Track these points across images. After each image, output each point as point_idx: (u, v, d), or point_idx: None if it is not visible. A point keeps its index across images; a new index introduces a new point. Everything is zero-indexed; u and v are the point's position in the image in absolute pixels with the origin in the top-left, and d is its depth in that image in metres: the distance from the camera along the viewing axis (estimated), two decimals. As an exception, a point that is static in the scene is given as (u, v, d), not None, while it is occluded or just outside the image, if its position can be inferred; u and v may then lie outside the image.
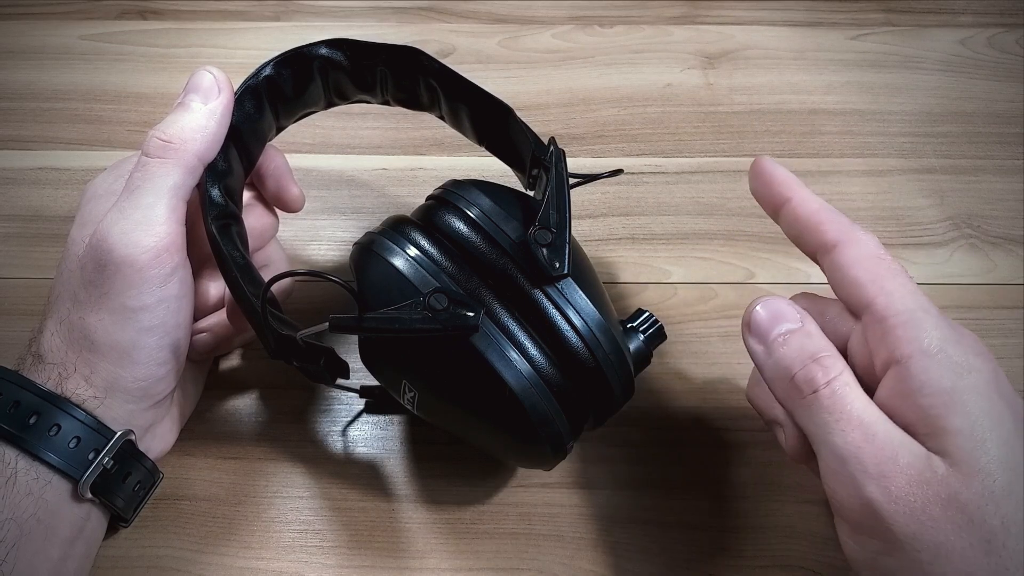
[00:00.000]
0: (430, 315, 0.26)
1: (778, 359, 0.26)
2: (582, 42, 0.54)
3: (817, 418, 0.25)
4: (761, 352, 0.27)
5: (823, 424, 0.25)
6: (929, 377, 0.24)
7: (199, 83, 0.31)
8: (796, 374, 0.26)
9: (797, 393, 0.26)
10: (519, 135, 0.33)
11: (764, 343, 0.27)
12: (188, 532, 0.34)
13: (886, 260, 0.27)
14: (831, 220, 0.28)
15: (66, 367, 0.30)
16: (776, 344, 0.27)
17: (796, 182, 0.30)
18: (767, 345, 0.27)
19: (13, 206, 0.45)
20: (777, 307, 0.27)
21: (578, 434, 0.31)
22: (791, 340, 0.27)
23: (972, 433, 0.23)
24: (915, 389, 0.24)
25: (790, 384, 0.26)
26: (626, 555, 0.34)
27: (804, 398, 0.25)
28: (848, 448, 0.24)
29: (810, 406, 0.25)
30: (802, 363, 0.26)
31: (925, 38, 0.54)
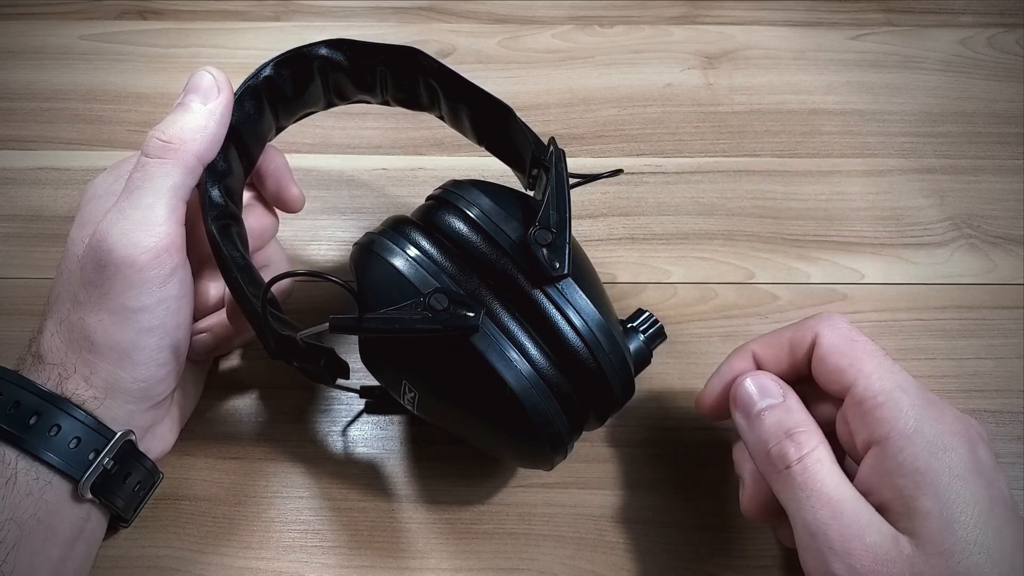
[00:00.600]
0: (430, 315, 0.26)
1: (757, 433, 0.28)
2: (582, 42, 0.54)
3: (790, 492, 0.26)
4: (744, 426, 0.29)
5: (795, 499, 0.26)
6: (904, 458, 0.25)
7: (199, 83, 0.31)
8: (771, 449, 0.27)
9: (772, 468, 0.27)
10: (519, 135, 0.33)
11: (747, 417, 0.29)
12: (188, 532, 0.34)
13: (860, 341, 0.28)
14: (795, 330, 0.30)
15: (66, 367, 0.30)
16: (757, 419, 0.28)
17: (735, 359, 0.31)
18: (749, 419, 0.28)
19: (13, 206, 0.45)
20: (762, 382, 0.29)
21: (578, 434, 0.31)
22: (769, 415, 0.28)
23: (941, 514, 0.24)
24: (892, 469, 0.25)
25: (766, 458, 0.27)
26: (626, 555, 0.34)
27: (778, 473, 0.27)
28: (816, 524, 0.25)
29: (784, 481, 0.26)
30: (777, 439, 0.27)
31: (925, 38, 0.54)
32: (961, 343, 0.40)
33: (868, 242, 0.44)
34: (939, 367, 0.39)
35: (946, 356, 0.40)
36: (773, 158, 0.48)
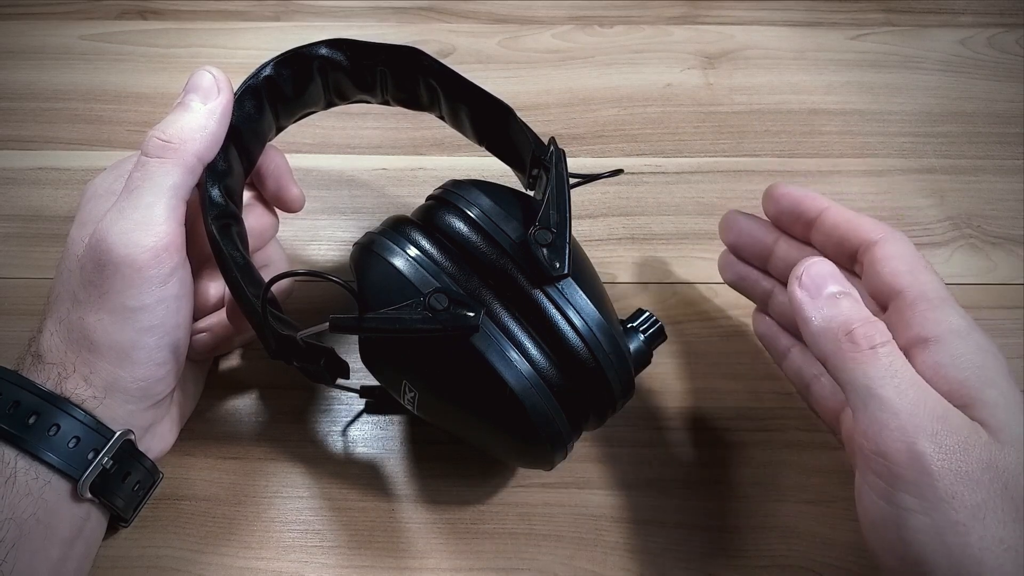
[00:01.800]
0: (430, 315, 0.26)
1: (833, 314, 0.27)
2: (582, 42, 0.54)
3: (872, 372, 0.26)
4: (810, 305, 0.28)
5: (878, 379, 0.26)
6: (962, 353, 0.26)
7: (199, 83, 0.31)
8: (855, 329, 0.27)
9: (852, 347, 0.26)
10: (519, 135, 0.33)
11: (816, 297, 0.28)
12: (188, 532, 0.34)
13: (920, 258, 0.30)
14: (870, 222, 0.31)
15: (65, 367, 0.29)
16: (830, 300, 0.28)
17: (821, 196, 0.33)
18: (818, 299, 0.28)
19: (13, 206, 0.45)
20: (831, 269, 0.29)
21: (578, 434, 0.31)
22: (843, 300, 0.28)
23: (1006, 406, 0.25)
24: (948, 363, 0.26)
25: (847, 337, 0.27)
26: (626, 555, 0.34)
27: (860, 352, 0.26)
28: (903, 403, 0.25)
29: (866, 360, 0.26)
30: (860, 321, 0.27)
31: (925, 38, 0.54)
32: (961, 343, 0.40)
33: (868, 242, 0.44)
34: (939, 367, 0.39)
35: (946, 356, 0.40)
36: (773, 158, 0.48)
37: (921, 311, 0.27)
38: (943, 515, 0.24)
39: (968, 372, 0.26)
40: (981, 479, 0.24)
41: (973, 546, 0.24)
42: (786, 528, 0.34)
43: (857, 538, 0.34)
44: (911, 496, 0.25)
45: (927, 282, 0.28)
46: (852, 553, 0.34)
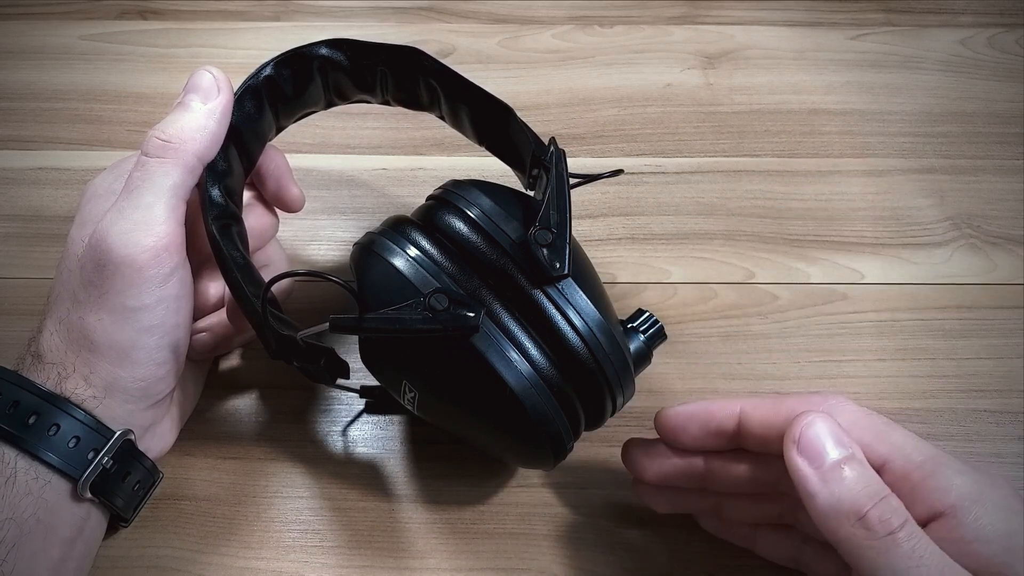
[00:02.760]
0: (430, 315, 0.26)
1: (841, 492, 0.24)
2: (582, 42, 0.54)
3: (895, 563, 0.23)
4: (814, 477, 0.25)
5: (903, 571, 0.23)
6: (982, 524, 0.24)
7: (199, 83, 0.31)
8: (868, 513, 0.24)
9: (868, 534, 0.24)
10: (519, 135, 0.33)
11: (819, 467, 0.25)
12: (188, 532, 0.34)
13: (874, 416, 0.27)
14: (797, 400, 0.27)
15: (65, 367, 0.29)
16: (834, 471, 0.25)
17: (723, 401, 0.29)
18: (821, 470, 0.25)
19: (13, 206, 0.45)
20: (830, 428, 0.25)
21: (578, 434, 0.31)
22: (848, 471, 0.25)
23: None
24: (972, 538, 0.24)
25: (860, 523, 0.24)
26: (626, 555, 0.34)
27: (878, 540, 0.24)
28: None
29: (886, 550, 0.23)
30: (872, 500, 0.24)
31: (925, 38, 0.54)
32: (961, 343, 0.40)
33: (868, 242, 0.44)
34: (939, 367, 0.39)
35: (946, 356, 0.40)
36: (773, 158, 0.48)
37: (919, 482, 0.25)
38: None
39: (995, 544, 0.24)
40: None
41: None
42: (786, 528, 0.34)
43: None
44: None
45: (904, 444, 0.26)
46: (852, 553, 0.34)
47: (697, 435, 0.30)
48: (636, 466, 0.31)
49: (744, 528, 0.32)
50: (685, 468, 0.30)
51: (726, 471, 0.30)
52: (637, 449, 0.32)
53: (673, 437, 0.30)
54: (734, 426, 0.29)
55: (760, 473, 0.29)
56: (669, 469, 0.31)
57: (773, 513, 0.30)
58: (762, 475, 0.29)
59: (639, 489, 0.33)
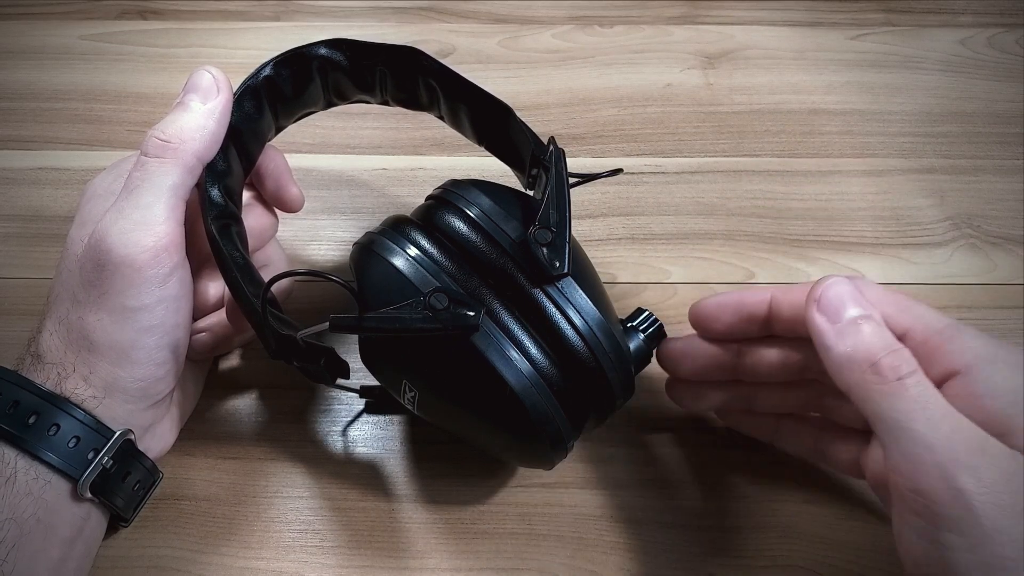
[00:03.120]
0: (430, 315, 0.26)
1: (856, 343, 0.26)
2: (582, 42, 0.54)
3: (901, 406, 0.25)
4: (831, 332, 0.27)
5: (907, 412, 0.25)
6: (994, 382, 0.25)
7: (198, 83, 0.31)
8: (881, 360, 0.25)
9: (878, 379, 0.25)
10: (519, 135, 0.33)
11: (836, 322, 0.27)
12: (188, 532, 0.34)
13: (898, 293, 0.28)
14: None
15: (65, 367, 0.29)
16: (851, 327, 0.26)
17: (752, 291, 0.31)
18: (839, 326, 0.27)
19: (13, 206, 0.45)
20: (849, 289, 0.27)
21: (578, 433, 0.31)
22: (865, 326, 0.26)
23: None
24: (983, 393, 0.25)
25: (871, 369, 0.25)
26: (626, 555, 0.34)
27: (887, 384, 0.25)
28: (937, 437, 0.24)
29: (894, 394, 0.25)
30: (885, 350, 0.26)
31: (925, 38, 0.54)
32: (961, 343, 0.40)
33: (868, 242, 0.44)
34: (939, 367, 0.39)
35: (946, 356, 0.40)
36: (773, 158, 0.48)
37: (937, 346, 0.26)
38: (990, 552, 0.23)
39: (1003, 399, 0.25)
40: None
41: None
42: (786, 528, 0.34)
43: (857, 538, 0.34)
44: (955, 535, 0.23)
45: (925, 314, 0.27)
46: (852, 553, 0.34)
47: (730, 321, 0.31)
48: (672, 361, 0.33)
49: (768, 421, 0.34)
50: (718, 358, 0.32)
51: (757, 357, 0.31)
52: (673, 345, 0.33)
53: (707, 325, 0.32)
54: (765, 311, 0.30)
55: (789, 357, 0.31)
56: (703, 361, 0.32)
57: (799, 401, 0.32)
58: (791, 359, 0.31)
59: (673, 390, 0.35)
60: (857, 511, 0.35)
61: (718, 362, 0.32)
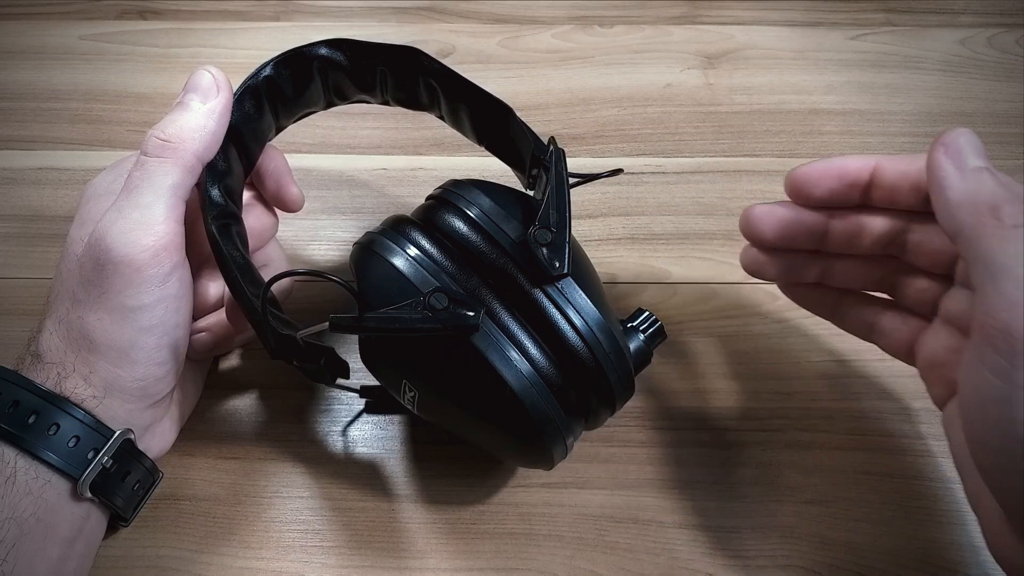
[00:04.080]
0: (430, 315, 0.26)
1: (979, 187, 0.27)
2: (582, 42, 0.54)
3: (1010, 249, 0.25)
4: (954, 175, 0.27)
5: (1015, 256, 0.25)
6: None
7: (198, 82, 0.31)
8: (1002, 206, 0.26)
9: (996, 223, 0.26)
10: (519, 135, 0.33)
11: (961, 168, 0.27)
12: (188, 532, 0.34)
13: None
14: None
15: (65, 366, 0.29)
16: (975, 172, 0.27)
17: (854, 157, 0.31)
18: (963, 171, 0.27)
19: (13, 206, 0.45)
20: (977, 141, 0.28)
21: (578, 434, 0.31)
22: (990, 177, 0.27)
23: None
24: None
25: (991, 212, 0.26)
26: (626, 555, 0.34)
27: (1004, 229, 0.26)
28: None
29: (1007, 238, 0.26)
30: (1007, 200, 0.26)
31: (925, 38, 0.54)
32: (961, 343, 0.40)
33: (868, 242, 0.44)
34: (939, 367, 0.39)
35: (946, 356, 0.40)
36: (773, 158, 0.48)
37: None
38: None
39: None
40: None
41: None
42: (786, 528, 0.34)
43: (857, 538, 0.34)
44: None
45: None
46: (852, 553, 0.34)
47: (833, 186, 0.31)
48: (758, 223, 0.33)
49: (833, 296, 0.34)
50: (808, 224, 0.32)
51: (848, 225, 0.32)
52: (761, 208, 0.33)
53: (806, 191, 0.32)
54: (868, 177, 0.31)
55: (881, 227, 0.31)
56: (791, 227, 0.32)
57: (874, 277, 0.33)
58: (882, 230, 0.31)
59: (747, 256, 0.34)
60: (857, 511, 0.35)
61: (806, 227, 0.32)
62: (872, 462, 0.36)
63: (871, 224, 0.31)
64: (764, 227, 0.33)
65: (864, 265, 0.33)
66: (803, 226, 0.32)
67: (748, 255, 0.35)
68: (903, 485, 0.35)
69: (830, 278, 0.34)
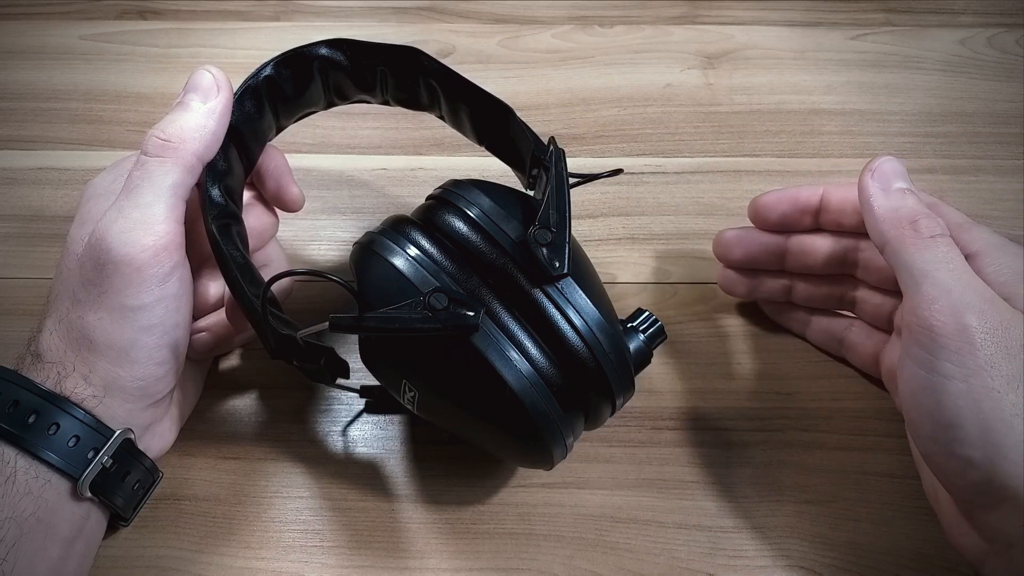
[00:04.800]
0: (430, 314, 0.26)
1: (900, 204, 0.31)
2: (582, 42, 0.54)
3: (931, 256, 0.29)
4: (880, 194, 0.31)
5: (935, 262, 0.29)
6: (1002, 262, 0.29)
7: (198, 82, 0.31)
8: (919, 220, 0.30)
9: (915, 235, 0.29)
10: (519, 135, 0.33)
11: (886, 189, 0.31)
12: (188, 532, 0.34)
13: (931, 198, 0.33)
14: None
15: (65, 366, 0.29)
16: (898, 192, 0.31)
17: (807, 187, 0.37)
18: (889, 192, 0.31)
19: (13, 206, 0.45)
20: (901, 168, 0.32)
21: (578, 434, 0.31)
22: (910, 196, 0.31)
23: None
24: (991, 271, 0.29)
25: (910, 226, 0.30)
26: (626, 555, 0.34)
27: (922, 239, 0.29)
28: (956, 284, 0.28)
29: (927, 247, 0.29)
30: (925, 214, 0.30)
31: (925, 38, 0.54)
32: (961, 343, 0.40)
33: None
34: (939, 367, 0.39)
35: (946, 356, 0.40)
36: (773, 158, 0.48)
37: (957, 235, 0.30)
38: (981, 382, 0.26)
39: (1008, 275, 0.29)
40: (1018, 354, 0.26)
41: (1006, 411, 0.26)
42: (786, 528, 0.34)
43: (857, 538, 0.34)
44: (952, 364, 0.27)
45: (949, 212, 0.32)
46: (852, 553, 0.34)
47: (785, 211, 0.36)
48: (726, 247, 0.38)
49: (803, 314, 0.39)
50: (768, 246, 0.37)
51: (803, 246, 0.37)
52: (728, 233, 0.38)
53: (764, 215, 0.37)
54: (817, 202, 0.36)
55: (832, 248, 0.36)
56: (754, 248, 0.38)
57: (833, 295, 0.37)
58: (833, 250, 0.36)
59: (722, 277, 0.40)
60: (857, 511, 0.35)
61: (767, 248, 0.37)
62: (872, 462, 0.36)
63: (823, 244, 0.36)
64: (732, 249, 0.38)
65: (824, 284, 0.37)
66: (765, 247, 0.37)
67: (722, 275, 0.40)
68: (903, 485, 0.35)
69: (796, 296, 0.38)
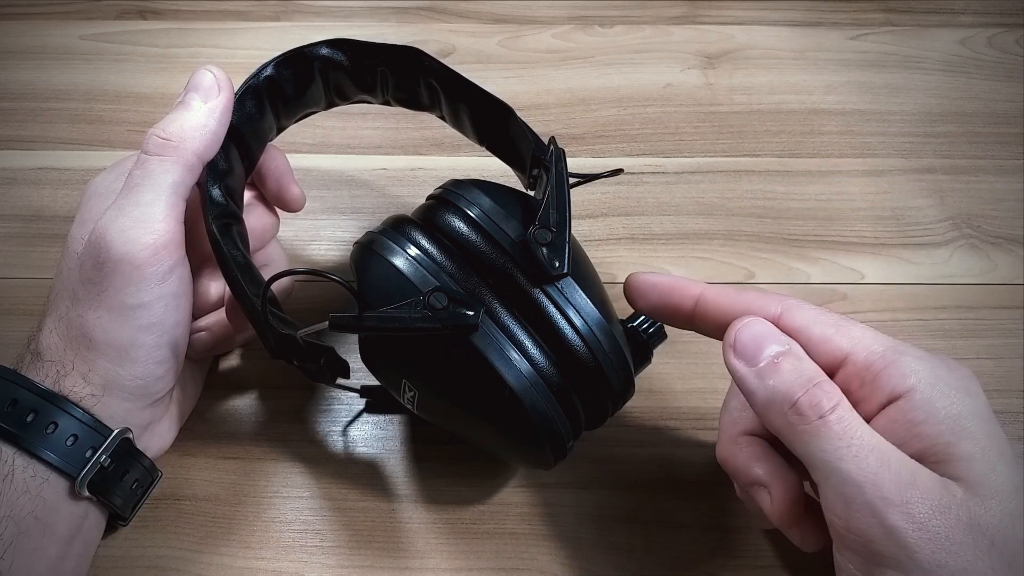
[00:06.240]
0: (430, 314, 0.26)
1: (775, 384, 0.25)
2: (582, 42, 0.54)
3: (826, 445, 0.24)
4: (751, 375, 0.26)
5: (833, 451, 0.24)
6: (934, 407, 0.24)
7: (199, 82, 0.31)
8: (799, 400, 0.25)
9: (800, 419, 0.25)
10: (519, 135, 0.33)
11: (754, 365, 0.26)
12: (188, 532, 0.34)
13: (833, 312, 0.27)
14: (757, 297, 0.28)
15: (64, 365, 0.29)
16: (769, 368, 0.26)
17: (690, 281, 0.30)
18: (757, 368, 0.26)
19: (13, 206, 0.45)
20: (763, 328, 0.27)
21: (578, 434, 0.31)
22: (784, 364, 0.26)
23: (984, 457, 0.24)
24: (922, 419, 0.24)
25: (792, 410, 0.25)
26: (626, 555, 0.34)
27: (809, 424, 0.25)
28: (865, 475, 0.23)
29: (817, 433, 0.24)
30: (804, 388, 0.25)
31: (925, 38, 0.54)
32: (961, 343, 0.40)
33: (868, 242, 0.44)
34: (939, 367, 0.39)
35: (946, 356, 0.40)
36: (773, 158, 0.48)
37: (879, 369, 0.25)
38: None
39: (943, 425, 0.24)
40: (964, 541, 0.23)
41: None
42: (786, 528, 0.34)
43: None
44: (893, 571, 0.23)
45: (863, 336, 0.26)
46: (852, 553, 0.34)
47: (655, 304, 0.30)
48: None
49: None
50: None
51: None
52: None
53: (633, 298, 0.31)
54: (691, 307, 0.29)
55: None
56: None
57: None
58: None
59: None
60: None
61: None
62: (872, 462, 0.36)
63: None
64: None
65: None
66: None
67: None
68: (903, 485, 0.35)
69: None
